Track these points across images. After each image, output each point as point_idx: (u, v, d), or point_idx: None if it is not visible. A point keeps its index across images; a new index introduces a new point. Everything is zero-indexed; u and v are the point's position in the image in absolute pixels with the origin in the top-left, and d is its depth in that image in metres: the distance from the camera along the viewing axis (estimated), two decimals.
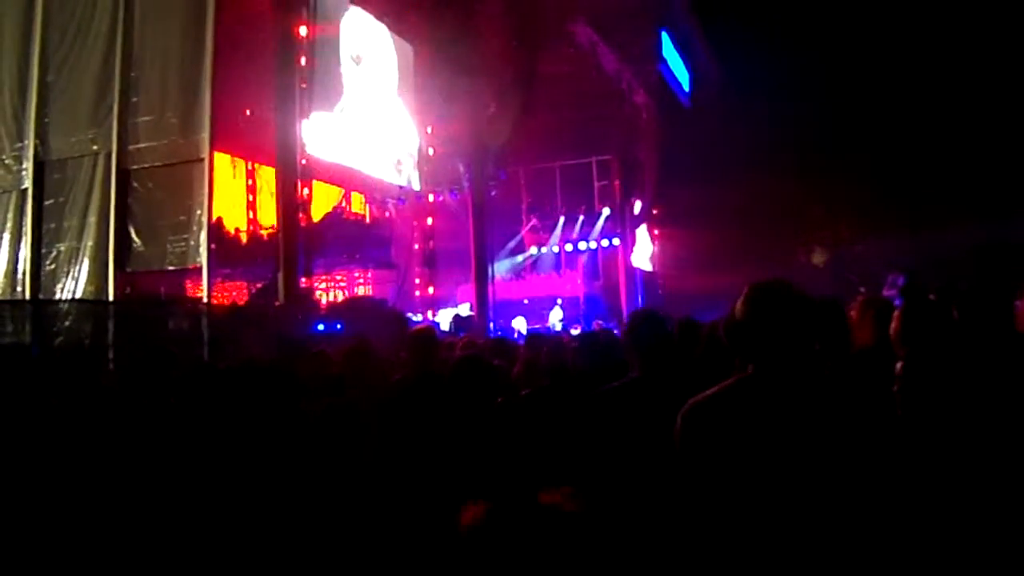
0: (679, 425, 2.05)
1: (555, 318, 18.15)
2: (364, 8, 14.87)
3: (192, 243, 9.37)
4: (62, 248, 10.02)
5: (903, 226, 20.83)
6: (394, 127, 16.02)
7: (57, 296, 9.70)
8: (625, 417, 2.91)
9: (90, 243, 9.73)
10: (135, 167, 9.76)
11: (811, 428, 1.95)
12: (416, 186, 16.80)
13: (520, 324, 17.55)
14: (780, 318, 2.03)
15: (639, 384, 3.06)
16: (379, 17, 15.35)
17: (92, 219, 9.76)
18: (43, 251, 10.14)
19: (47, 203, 10.29)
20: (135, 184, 9.71)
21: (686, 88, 23.20)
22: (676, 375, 3.01)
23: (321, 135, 12.96)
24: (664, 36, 20.02)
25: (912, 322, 2.99)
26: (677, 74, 22.12)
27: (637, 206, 21.41)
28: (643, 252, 22.10)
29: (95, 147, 9.90)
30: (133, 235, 9.61)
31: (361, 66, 14.88)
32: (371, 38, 15.30)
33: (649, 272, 22.37)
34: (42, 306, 8.22)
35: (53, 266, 10.08)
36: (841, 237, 24.86)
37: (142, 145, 9.73)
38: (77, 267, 9.81)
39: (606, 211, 21.21)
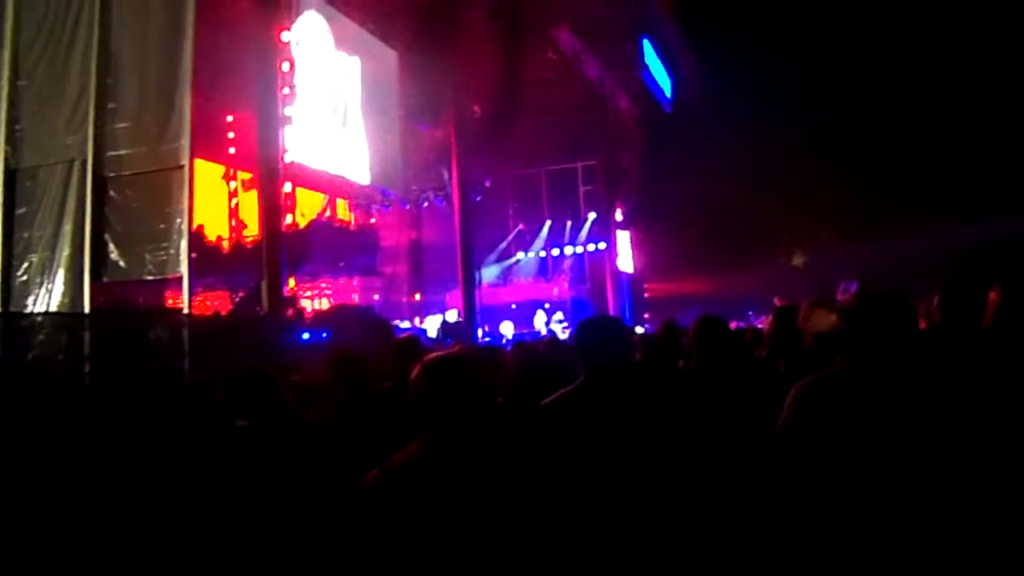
0: (793, 398, 2.38)
1: (539, 322, 18.10)
2: (349, 15, 14.75)
3: (172, 252, 9.14)
4: (35, 259, 9.72)
5: (882, 229, 20.95)
6: (380, 133, 15.89)
7: (30, 308, 9.44)
8: (563, 427, 2.91)
9: (65, 253, 9.46)
10: (112, 175, 9.51)
11: (918, 412, 2.24)
12: (401, 192, 16.67)
13: (507, 329, 17.47)
14: (887, 317, 2.38)
15: (580, 392, 3.01)
16: (364, 23, 15.24)
17: (67, 228, 9.49)
18: (14, 262, 9.85)
19: (19, 212, 9.96)
20: (112, 192, 9.46)
21: (668, 94, 23.31)
22: (621, 380, 2.98)
23: (305, 141, 12.81)
24: (646, 43, 20.11)
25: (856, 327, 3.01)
26: (659, 81, 22.23)
27: (619, 213, 21.45)
28: (627, 256, 22.14)
29: (70, 154, 9.64)
30: (110, 245, 9.35)
31: (345, 70, 14.75)
32: (355, 42, 15.18)
33: (635, 276, 22.41)
34: (13, 319, 7.99)
35: (25, 277, 9.77)
36: (821, 240, 25.01)
37: (120, 152, 9.47)
38: (51, 278, 9.51)
39: (592, 216, 21.31)
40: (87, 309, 8.94)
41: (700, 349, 3.73)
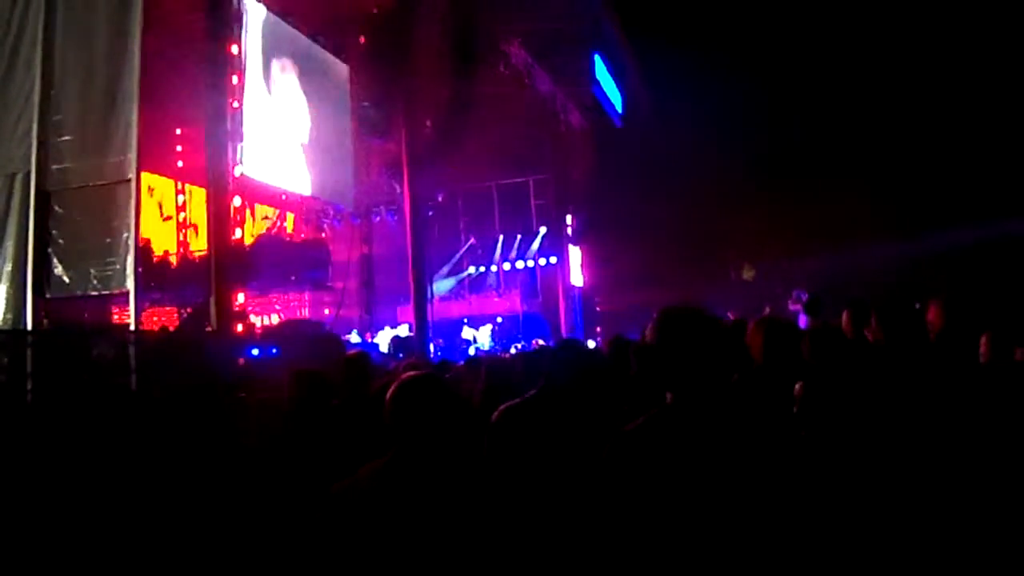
0: (606, 454, 2.00)
1: (483, 337, 18.05)
2: (300, 28, 14.69)
3: (118, 267, 8.98)
4: None
5: (831, 241, 21.42)
6: (331, 147, 15.81)
7: None
8: (512, 436, 3.01)
9: (7, 268, 9.21)
10: (56, 188, 9.32)
11: (727, 458, 1.90)
12: (352, 207, 16.59)
13: (484, 336, 17.54)
14: (692, 345, 1.99)
15: (532, 403, 3.13)
16: (314, 36, 15.18)
17: (9, 243, 9.24)
18: None
19: None
20: (56, 206, 9.25)
21: (619, 109, 23.55)
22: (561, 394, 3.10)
23: (254, 154, 12.69)
24: (597, 59, 20.31)
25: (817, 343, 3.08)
26: (610, 95, 22.45)
27: (570, 227, 21.61)
28: (579, 270, 22.30)
29: (12, 167, 9.40)
30: (54, 259, 9.15)
31: (296, 84, 14.66)
32: (307, 55, 15.11)
33: (587, 290, 22.55)
34: None
35: None
36: (768, 253, 25.43)
37: (64, 166, 9.28)
38: None
39: (543, 230, 21.41)
40: (30, 325, 8.74)
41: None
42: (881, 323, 3.37)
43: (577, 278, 21.96)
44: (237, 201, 11.32)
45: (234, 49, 11.63)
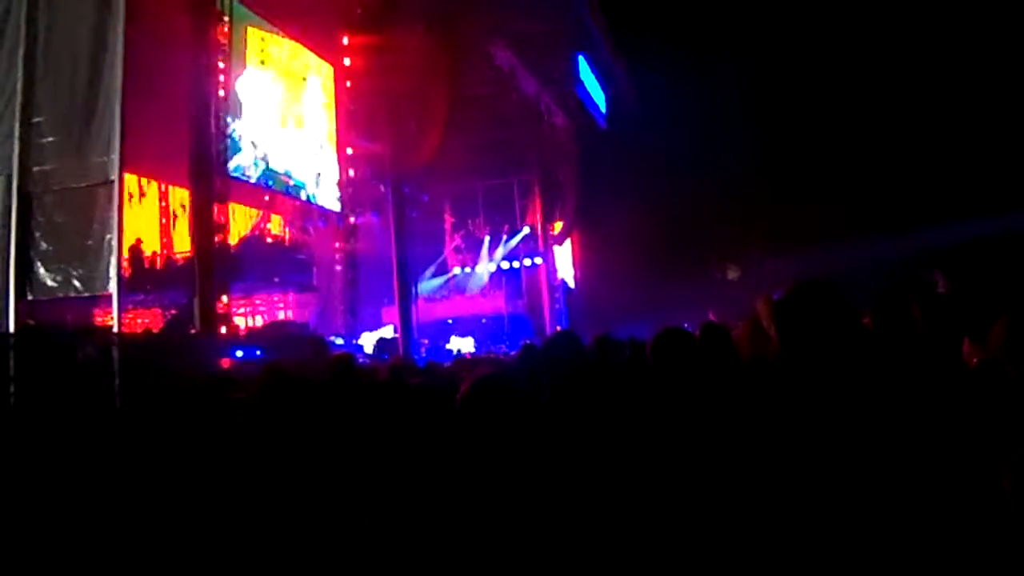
0: None
1: (467, 345, 17.92)
2: (285, 30, 14.66)
3: (101, 269, 8.90)
4: None
5: (815, 241, 21.55)
6: (314, 147, 15.78)
7: None
8: None
9: None
10: (39, 190, 9.24)
11: None
12: (337, 208, 16.56)
13: (467, 344, 17.47)
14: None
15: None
16: (300, 38, 15.16)
17: None
18: None
19: None
20: (38, 208, 9.17)
21: (603, 110, 23.63)
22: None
23: (239, 156, 12.65)
24: (581, 60, 20.38)
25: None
26: (595, 97, 22.53)
27: (558, 225, 21.66)
28: (566, 269, 22.35)
29: None
30: (36, 261, 9.08)
31: (279, 82, 14.63)
32: (292, 57, 15.08)
33: (572, 290, 22.60)
34: None
35: None
36: (753, 254, 25.55)
37: (46, 167, 9.19)
38: None
39: (525, 230, 21.41)
40: (11, 328, 8.67)
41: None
42: (873, 320, 3.36)
43: (562, 277, 22.02)
44: (221, 202, 11.28)
45: (219, 50, 11.61)
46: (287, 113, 14.84)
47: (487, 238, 21.45)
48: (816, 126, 22.84)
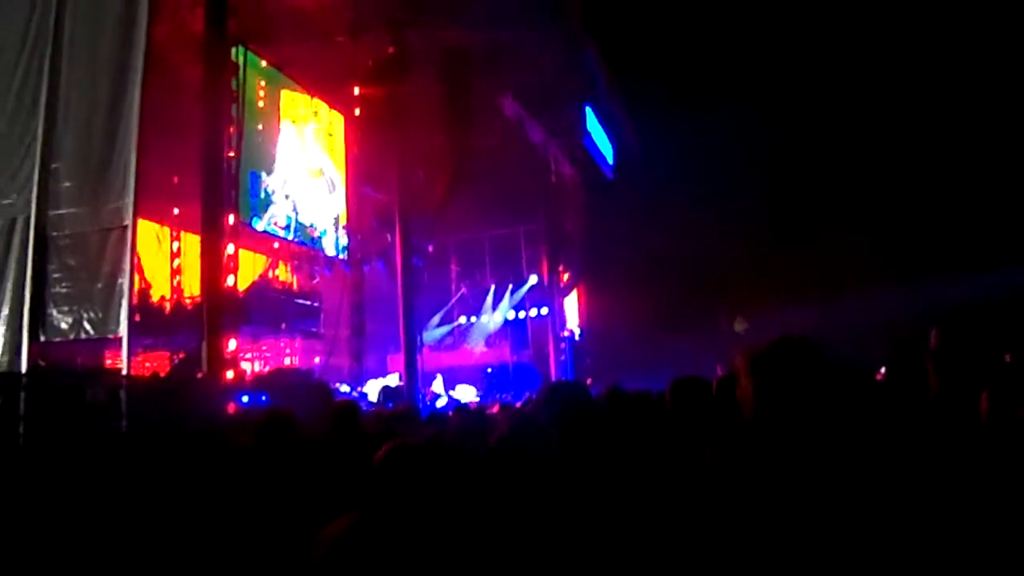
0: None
1: (437, 386, 17.64)
2: (296, 79, 14.97)
3: (112, 312, 9.00)
4: None
5: (823, 295, 21.51)
6: (323, 195, 15.99)
7: None
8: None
9: (5, 312, 9.25)
10: (55, 233, 9.40)
11: None
12: (344, 256, 16.71)
13: (469, 394, 17.34)
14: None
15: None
16: (310, 88, 15.47)
17: (8, 287, 9.29)
18: None
19: None
20: (54, 251, 9.31)
21: (610, 161, 23.84)
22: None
23: (249, 203, 12.84)
24: (588, 111, 20.64)
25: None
26: (601, 147, 22.73)
27: (565, 276, 21.73)
28: (571, 320, 22.34)
29: (13, 212, 9.48)
30: (50, 304, 9.19)
31: (291, 134, 14.90)
32: (302, 106, 15.38)
33: (578, 341, 22.56)
34: None
35: None
36: (761, 306, 25.49)
37: (62, 211, 9.37)
38: None
39: (533, 278, 21.43)
40: (24, 368, 8.74)
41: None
42: (889, 374, 3.34)
43: (569, 327, 21.99)
44: (231, 249, 11.42)
45: (232, 99, 11.86)
46: (308, 164, 15.11)
47: (492, 287, 21.50)
48: (824, 177, 22.94)
